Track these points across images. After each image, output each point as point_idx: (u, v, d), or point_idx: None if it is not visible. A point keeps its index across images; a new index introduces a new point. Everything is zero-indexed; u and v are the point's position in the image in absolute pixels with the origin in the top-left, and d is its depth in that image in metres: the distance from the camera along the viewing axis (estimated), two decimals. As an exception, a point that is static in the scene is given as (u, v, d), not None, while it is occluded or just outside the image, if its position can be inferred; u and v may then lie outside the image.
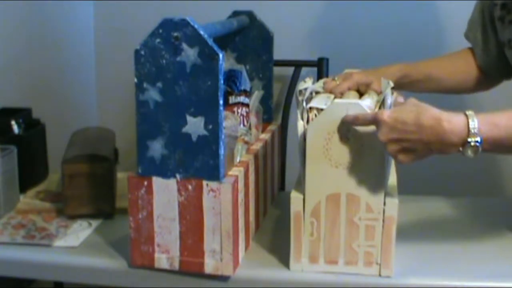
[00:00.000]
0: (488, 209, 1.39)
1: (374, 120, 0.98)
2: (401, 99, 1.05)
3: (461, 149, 0.95)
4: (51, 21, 1.88)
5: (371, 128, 1.00)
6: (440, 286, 1.06)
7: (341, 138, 1.01)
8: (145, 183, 1.07)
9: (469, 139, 0.94)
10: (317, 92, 1.18)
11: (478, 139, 0.94)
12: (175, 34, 0.99)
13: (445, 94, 1.38)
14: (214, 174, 1.04)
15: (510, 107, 1.00)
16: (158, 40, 1.00)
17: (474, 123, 0.94)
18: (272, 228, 1.28)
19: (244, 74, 1.33)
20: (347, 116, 1.00)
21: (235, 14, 1.41)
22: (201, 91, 1.01)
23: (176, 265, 1.09)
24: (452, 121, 0.95)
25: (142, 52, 1.02)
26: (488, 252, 1.16)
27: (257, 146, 1.26)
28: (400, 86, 1.29)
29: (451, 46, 1.48)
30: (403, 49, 1.85)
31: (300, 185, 1.08)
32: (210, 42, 0.99)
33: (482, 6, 1.34)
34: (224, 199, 1.04)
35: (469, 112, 0.96)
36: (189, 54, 1.00)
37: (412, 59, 1.37)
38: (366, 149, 1.02)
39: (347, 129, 1.01)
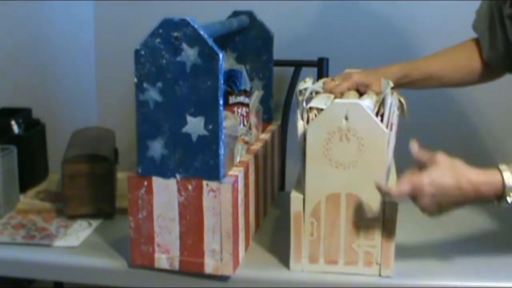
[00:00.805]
0: (488, 209, 1.39)
1: (414, 191, 0.99)
2: (425, 155, 1.04)
3: (496, 203, 1.01)
4: (51, 21, 1.88)
5: (371, 128, 1.00)
6: (440, 286, 1.06)
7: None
8: (145, 183, 1.07)
9: (506, 196, 0.99)
10: (317, 92, 1.18)
11: None
12: (175, 34, 0.99)
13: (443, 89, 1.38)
14: (214, 174, 1.04)
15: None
16: (158, 40, 1.00)
17: (510, 180, 0.99)
18: (272, 228, 1.28)
19: (244, 74, 1.33)
20: (383, 190, 1.01)
21: (235, 14, 1.41)
22: (201, 91, 1.01)
23: (176, 265, 1.09)
24: (489, 183, 1.00)
25: (142, 52, 1.02)
26: (488, 252, 1.15)
27: (257, 146, 1.26)
28: (401, 85, 1.28)
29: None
30: (403, 49, 1.85)
31: (300, 185, 1.08)
32: (210, 42, 0.99)
33: (491, 1, 1.31)
34: (224, 199, 1.04)
35: (503, 167, 1.00)
36: (189, 54, 1.00)
37: (412, 59, 1.37)
38: (366, 149, 1.02)
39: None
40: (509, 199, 0.99)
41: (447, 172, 0.99)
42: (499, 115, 1.85)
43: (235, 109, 1.26)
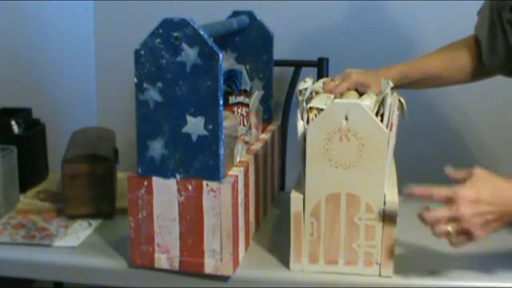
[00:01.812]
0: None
1: (451, 197, 0.97)
2: (462, 173, 1.02)
3: None
4: (51, 21, 1.88)
5: (371, 128, 1.00)
6: (440, 286, 1.06)
7: None
8: (145, 183, 1.07)
9: None
10: (317, 92, 1.18)
11: None
12: (175, 34, 0.99)
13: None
14: (214, 174, 1.04)
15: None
16: (158, 40, 1.00)
17: None
18: (272, 228, 1.28)
19: (244, 74, 1.33)
20: (423, 192, 1.00)
21: (235, 14, 1.41)
22: (201, 91, 1.01)
23: (176, 265, 1.09)
24: None
25: (142, 52, 1.02)
26: (488, 252, 1.15)
27: (257, 146, 1.26)
28: (401, 86, 1.29)
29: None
30: (403, 49, 1.85)
31: (300, 185, 1.08)
32: (210, 42, 0.99)
33: (491, 4, 1.30)
34: (224, 199, 1.04)
35: None
36: (189, 54, 1.00)
37: (412, 60, 1.37)
38: (366, 149, 1.02)
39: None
40: None
41: (484, 184, 0.98)
42: (501, 115, 1.85)
43: (235, 109, 1.26)
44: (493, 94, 1.72)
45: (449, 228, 0.97)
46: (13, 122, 1.45)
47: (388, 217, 1.04)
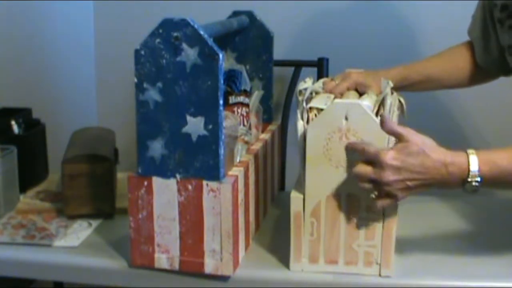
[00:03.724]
0: (489, 208, 1.39)
1: (376, 159, 0.97)
2: (398, 128, 1.02)
3: (461, 188, 0.99)
4: (51, 21, 1.88)
5: (371, 128, 1.00)
6: (439, 286, 1.06)
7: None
8: (145, 183, 1.07)
9: (469, 179, 0.97)
10: (317, 92, 1.18)
11: (478, 179, 0.97)
12: (175, 34, 0.99)
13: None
14: (214, 174, 1.04)
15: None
16: (158, 40, 1.00)
17: (474, 164, 0.97)
18: (272, 228, 1.28)
19: (244, 74, 1.33)
20: (352, 145, 1.01)
21: (235, 14, 1.41)
22: (201, 91, 1.01)
23: (176, 265, 1.09)
24: (455, 163, 0.98)
25: (142, 52, 1.02)
26: (488, 252, 1.15)
27: (257, 146, 1.26)
28: (400, 88, 1.29)
29: (450, 46, 1.47)
30: (403, 49, 1.85)
31: (300, 185, 1.08)
32: (210, 42, 0.99)
33: (483, 3, 1.31)
34: (224, 199, 1.04)
35: (470, 151, 0.99)
36: (189, 54, 1.00)
37: (412, 60, 1.37)
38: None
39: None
40: (473, 184, 0.97)
41: (413, 149, 0.97)
42: (501, 115, 1.85)
43: (235, 109, 1.26)
44: (494, 94, 1.71)
45: (371, 187, 0.99)
46: (13, 122, 1.45)
47: (388, 217, 1.04)
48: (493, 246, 1.18)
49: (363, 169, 0.99)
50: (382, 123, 1.00)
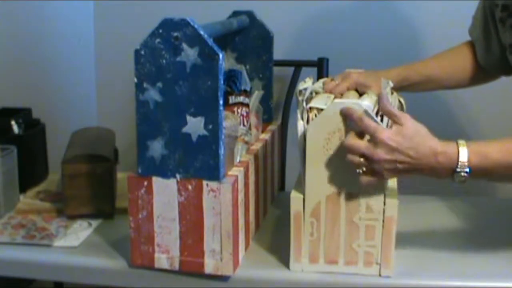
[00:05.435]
0: (489, 208, 1.39)
1: (373, 134, 0.98)
2: (394, 109, 1.03)
3: (450, 179, 0.99)
4: (51, 21, 1.88)
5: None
6: (439, 286, 1.06)
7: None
8: (145, 183, 1.07)
9: (458, 169, 0.98)
10: (317, 92, 1.18)
11: (467, 169, 0.98)
12: (175, 34, 0.99)
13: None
14: (214, 174, 1.04)
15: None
16: (158, 40, 1.00)
17: (464, 155, 0.98)
18: (272, 228, 1.28)
19: (244, 74, 1.33)
20: (351, 110, 1.00)
21: (235, 14, 1.41)
22: (201, 91, 1.01)
23: (176, 265, 1.09)
24: (446, 153, 0.98)
25: (142, 52, 1.02)
26: (488, 252, 1.16)
27: (257, 146, 1.26)
28: (400, 88, 1.29)
29: (451, 47, 1.48)
30: (403, 49, 1.85)
31: (300, 185, 1.08)
32: (210, 42, 0.99)
33: (484, 4, 1.31)
34: (224, 199, 1.04)
35: (461, 142, 0.99)
36: (189, 54, 1.00)
37: (412, 60, 1.37)
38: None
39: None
40: (461, 174, 0.98)
41: (409, 131, 0.98)
42: (501, 115, 1.85)
43: (235, 109, 1.26)
44: (495, 94, 1.71)
45: (361, 160, 0.99)
46: (13, 122, 1.45)
47: (388, 217, 1.04)
48: (493, 246, 1.18)
49: (357, 142, 0.99)
50: (379, 101, 1.01)
